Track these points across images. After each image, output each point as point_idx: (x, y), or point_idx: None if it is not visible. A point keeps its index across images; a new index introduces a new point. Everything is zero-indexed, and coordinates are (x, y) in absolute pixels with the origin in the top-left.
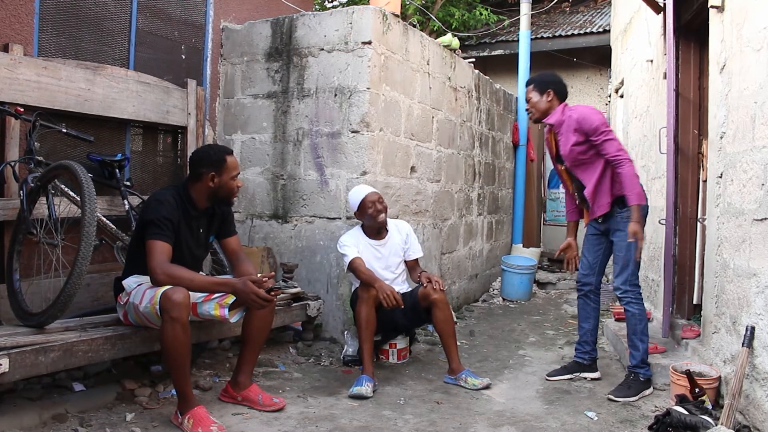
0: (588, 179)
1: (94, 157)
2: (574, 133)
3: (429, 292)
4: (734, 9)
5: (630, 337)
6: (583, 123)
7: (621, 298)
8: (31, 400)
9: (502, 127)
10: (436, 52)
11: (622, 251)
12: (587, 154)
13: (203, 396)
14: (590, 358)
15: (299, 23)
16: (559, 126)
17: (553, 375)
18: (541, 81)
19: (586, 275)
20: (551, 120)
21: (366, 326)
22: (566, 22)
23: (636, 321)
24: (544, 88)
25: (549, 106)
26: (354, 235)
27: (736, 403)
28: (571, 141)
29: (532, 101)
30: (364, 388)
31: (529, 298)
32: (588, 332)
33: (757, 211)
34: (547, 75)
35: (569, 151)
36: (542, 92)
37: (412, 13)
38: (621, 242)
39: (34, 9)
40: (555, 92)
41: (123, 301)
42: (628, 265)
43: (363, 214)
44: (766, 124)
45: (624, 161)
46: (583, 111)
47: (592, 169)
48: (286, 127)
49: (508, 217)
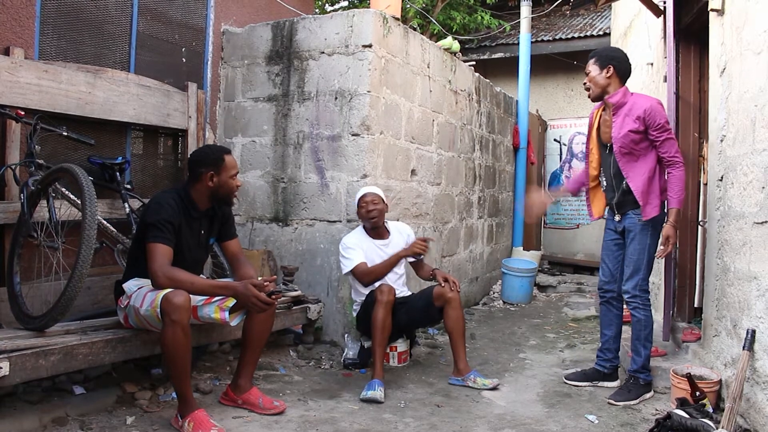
0: (635, 174)
1: (94, 160)
2: (636, 121)
3: (446, 291)
4: (734, 12)
5: (633, 342)
6: (652, 115)
7: (629, 302)
8: (32, 404)
9: (503, 130)
10: (436, 55)
11: (635, 255)
12: (640, 146)
13: (204, 399)
14: (611, 366)
15: (300, 26)
16: (618, 108)
17: (571, 378)
18: (603, 55)
19: (608, 282)
20: (612, 99)
21: (382, 330)
22: (566, 25)
23: (641, 327)
24: (605, 63)
25: (607, 83)
26: (358, 235)
27: (737, 406)
28: (629, 127)
29: (591, 75)
30: (377, 392)
31: (530, 301)
32: (610, 339)
33: (758, 214)
34: (612, 50)
35: (623, 136)
36: (603, 67)
37: (412, 17)
38: (635, 246)
39: (35, 12)
40: (615, 69)
41: (123, 304)
42: (640, 270)
43: (359, 213)
44: (766, 127)
45: (680, 164)
46: (653, 103)
47: (641, 164)
48: (287, 130)
49: (508, 220)
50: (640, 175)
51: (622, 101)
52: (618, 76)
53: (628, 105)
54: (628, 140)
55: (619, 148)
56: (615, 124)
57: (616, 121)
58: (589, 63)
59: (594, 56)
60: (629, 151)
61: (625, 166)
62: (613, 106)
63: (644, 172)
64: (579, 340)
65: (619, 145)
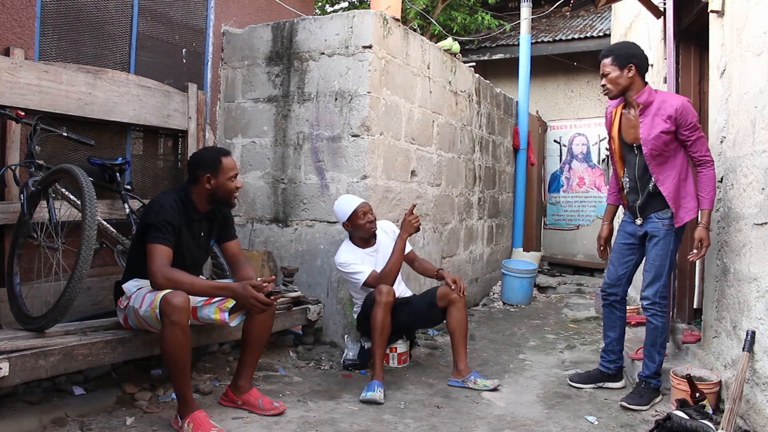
0: (665, 176)
1: (94, 161)
2: (666, 121)
3: (450, 292)
4: (734, 13)
5: (648, 348)
6: (684, 114)
7: (647, 308)
8: (31, 404)
9: (503, 131)
10: (436, 56)
11: (657, 260)
12: (670, 146)
13: (203, 400)
14: (616, 368)
15: (300, 27)
16: (646, 107)
17: (575, 381)
18: (622, 54)
19: (612, 285)
20: (641, 99)
21: (381, 331)
22: (567, 26)
23: (658, 334)
24: (625, 62)
25: (630, 82)
26: (350, 251)
27: (737, 407)
28: (661, 128)
29: (610, 77)
30: (377, 393)
31: (530, 302)
32: (614, 341)
33: (758, 215)
34: (629, 47)
35: (655, 137)
36: (623, 67)
37: (412, 18)
38: (657, 251)
39: (35, 13)
40: (637, 68)
41: (123, 304)
42: (662, 276)
43: (354, 226)
44: (766, 128)
45: (711, 163)
46: (683, 102)
47: (671, 165)
48: (287, 131)
49: (508, 221)
50: (671, 179)
51: (649, 100)
52: (639, 74)
53: (656, 104)
54: (660, 142)
55: (650, 150)
56: (643, 124)
57: (645, 122)
58: (605, 63)
59: (610, 55)
60: (660, 153)
61: (656, 169)
62: (641, 105)
63: (674, 176)
64: (579, 341)
65: (650, 147)
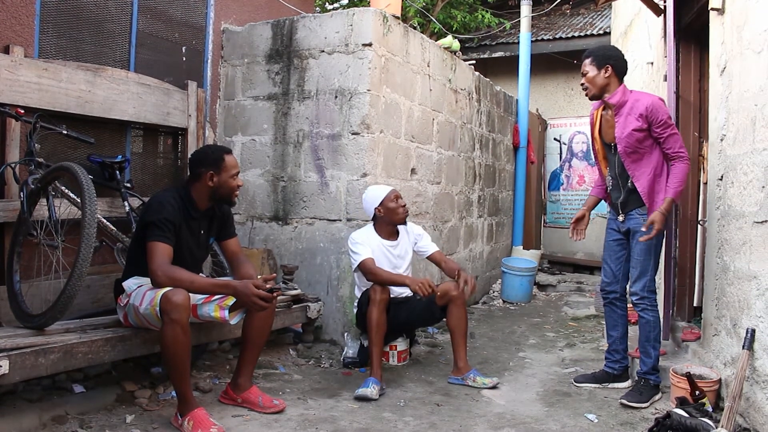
0: (641, 173)
1: (94, 159)
2: (638, 119)
3: (451, 288)
4: (735, 11)
5: (643, 344)
6: (654, 112)
7: (637, 304)
8: (31, 402)
9: (503, 129)
10: (436, 54)
11: (641, 255)
12: (644, 144)
13: (203, 398)
14: (621, 367)
15: (300, 25)
16: (619, 107)
17: (580, 381)
18: (600, 55)
19: (610, 283)
20: (613, 100)
21: (377, 329)
22: (566, 24)
23: (650, 328)
24: (602, 62)
25: (606, 82)
26: (367, 233)
27: (737, 405)
28: (633, 126)
29: (588, 76)
30: (369, 390)
31: (529, 300)
32: (617, 340)
33: (758, 213)
34: (608, 49)
35: (628, 135)
36: (600, 67)
37: (412, 15)
38: (641, 246)
39: (34, 11)
40: (614, 68)
41: (123, 302)
42: (647, 271)
43: (387, 210)
44: (766, 126)
45: (685, 158)
46: (654, 100)
47: (645, 162)
48: (287, 129)
49: (508, 219)
50: (646, 175)
51: (622, 100)
52: (616, 75)
53: (629, 103)
54: (633, 139)
55: (623, 148)
56: (618, 123)
57: (619, 121)
58: (585, 63)
59: (590, 56)
60: (634, 150)
61: (631, 166)
62: (615, 106)
63: (649, 172)
64: (578, 339)
65: (623, 145)
